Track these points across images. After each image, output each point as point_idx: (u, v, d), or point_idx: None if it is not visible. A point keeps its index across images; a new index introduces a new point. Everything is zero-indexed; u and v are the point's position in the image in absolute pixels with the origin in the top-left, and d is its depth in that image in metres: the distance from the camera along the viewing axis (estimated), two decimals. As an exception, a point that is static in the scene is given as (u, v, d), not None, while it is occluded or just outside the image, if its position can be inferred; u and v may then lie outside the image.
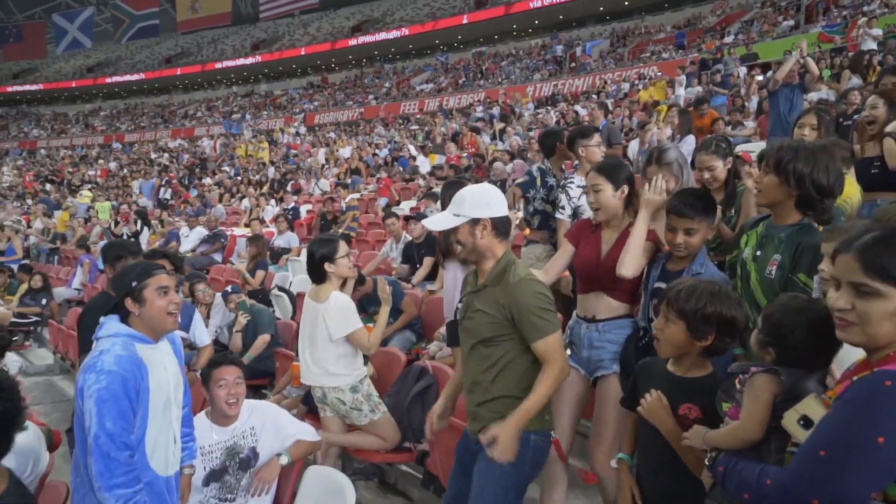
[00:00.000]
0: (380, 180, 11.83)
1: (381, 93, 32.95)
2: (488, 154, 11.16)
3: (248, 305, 5.07)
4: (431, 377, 3.50)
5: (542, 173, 4.21)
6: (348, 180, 12.87)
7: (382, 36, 38.00)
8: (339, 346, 3.23)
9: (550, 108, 17.83)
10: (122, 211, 12.89)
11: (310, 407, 3.81)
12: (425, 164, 12.77)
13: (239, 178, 16.91)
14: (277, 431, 2.76)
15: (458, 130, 14.23)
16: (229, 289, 5.31)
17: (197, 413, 2.74)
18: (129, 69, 46.85)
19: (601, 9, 33.46)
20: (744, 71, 13.76)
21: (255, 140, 23.33)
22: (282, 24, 45.32)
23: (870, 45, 11.56)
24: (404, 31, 37.26)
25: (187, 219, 11.07)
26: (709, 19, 26.75)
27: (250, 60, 42.06)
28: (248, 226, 9.99)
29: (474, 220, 2.18)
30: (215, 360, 2.79)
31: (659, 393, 1.88)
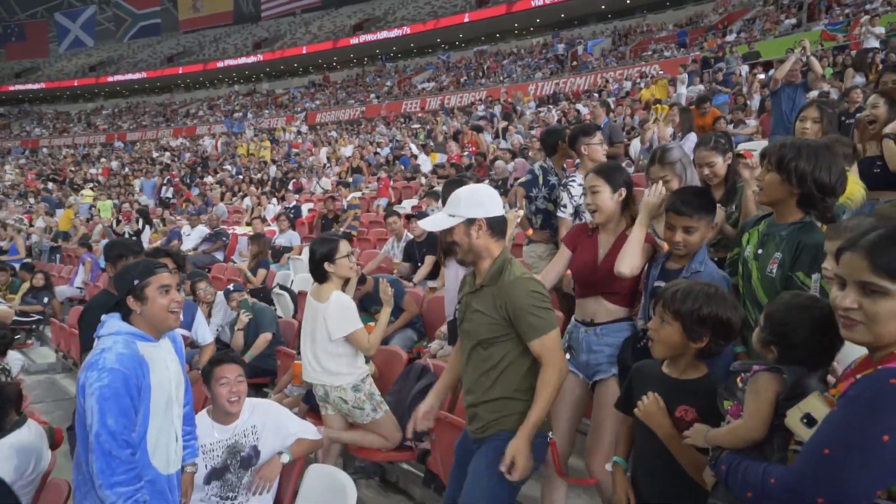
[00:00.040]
0: (380, 180, 11.83)
1: (382, 91, 32.94)
2: (489, 153, 11.16)
3: (249, 304, 5.07)
4: (433, 375, 3.50)
5: (545, 172, 4.20)
6: (349, 179, 12.88)
7: (384, 34, 37.98)
8: (340, 346, 3.23)
9: (552, 106, 17.82)
10: (124, 210, 12.92)
11: (311, 405, 3.81)
12: (427, 163, 12.77)
13: (240, 176, 16.93)
14: (279, 430, 2.77)
15: (460, 129, 14.23)
16: (231, 287, 5.31)
17: (198, 412, 2.74)
18: (131, 68, 46.89)
19: (603, 7, 33.41)
20: (746, 69, 13.73)
21: (257, 139, 23.34)
22: (283, 23, 45.32)
23: (872, 43, 11.53)
24: (406, 30, 37.25)
25: (189, 217, 11.09)
26: (711, 17, 26.69)
27: (252, 59, 42.07)
28: (249, 224, 9.99)
29: (469, 221, 2.18)
30: (216, 358, 2.79)
31: (656, 395, 1.87)
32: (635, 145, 8.95)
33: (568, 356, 2.64)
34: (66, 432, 3.41)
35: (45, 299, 8.42)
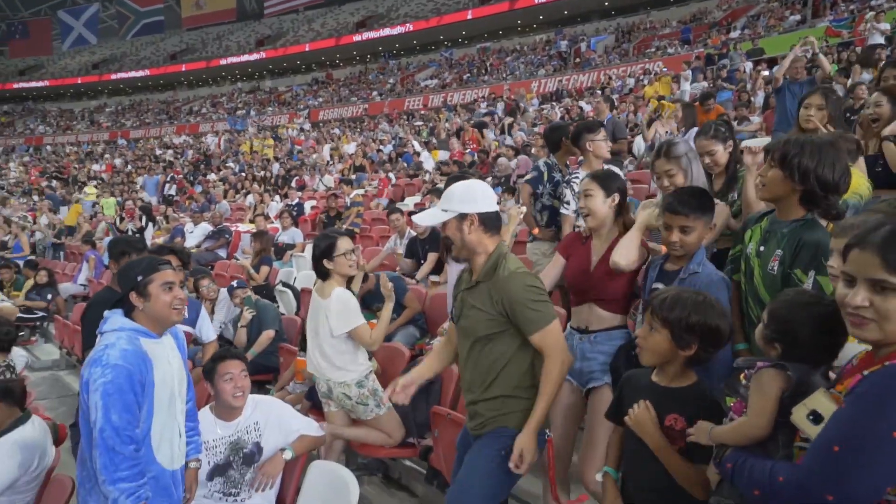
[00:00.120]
0: (380, 181, 11.83)
1: (385, 89, 32.90)
2: (492, 150, 11.14)
3: (253, 301, 5.08)
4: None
5: (549, 168, 4.20)
6: (352, 176, 12.88)
7: (387, 32, 37.92)
8: (342, 342, 3.24)
9: (555, 103, 17.79)
10: (128, 207, 12.92)
11: (313, 402, 3.82)
12: (429, 160, 12.77)
13: (243, 174, 16.94)
14: (281, 426, 2.77)
15: (462, 126, 14.22)
16: (235, 283, 5.31)
17: (200, 409, 2.75)
18: (134, 66, 46.92)
19: (606, 4, 33.27)
20: (749, 66, 13.68)
21: (261, 136, 23.36)
22: (286, 21, 45.29)
23: (877, 39, 11.46)
24: (408, 27, 37.18)
25: (192, 215, 11.11)
26: (714, 14, 26.57)
27: (255, 57, 42.05)
28: (252, 222, 9.99)
29: (461, 216, 2.19)
30: (219, 355, 2.80)
31: (647, 403, 1.85)
32: (638, 142, 8.94)
33: None
34: (70, 429, 3.42)
35: (49, 296, 8.44)
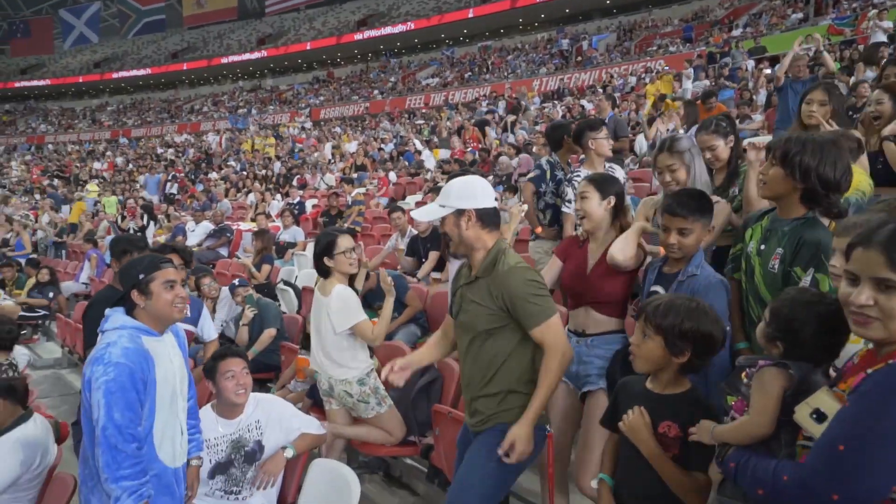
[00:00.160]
0: (379, 180, 11.82)
1: (386, 87, 32.88)
2: (493, 148, 11.13)
3: (254, 299, 5.08)
4: (436, 371, 3.51)
5: (552, 167, 4.20)
6: (354, 175, 12.88)
7: (388, 30, 37.89)
8: (343, 339, 3.25)
9: (557, 102, 17.77)
10: (129, 205, 12.93)
11: (315, 400, 3.82)
12: (430, 159, 12.76)
13: (245, 172, 16.95)
14: (282, 424, 2.77)
15: (462, 125, 14.21)
16: (237, 282, 5.32)
17: (201, 408, 2.75)
18: (136, 64, 46.93)
19: (608, 2, 33.21)
20: (752, 64, 13.65)
21: (263, 133, 23.36)
22: (287, 19, 45.29)
23: (880, 37, 11.42)
24: (410, 26, 37.15)
25: (193, 213, 11.11)
26: (716, 12, 26.51)
27: (256, 55, 42.05)
28: (253, 220, 10.00)
29: (459, 211, 2.18)
30: (220, 353, 2.80)
31: (642, 409, 1.84)
32: (640, 141, 8.93)
33: None
34: (72, 427, 3.43)
35: (51, 294, 8.45)
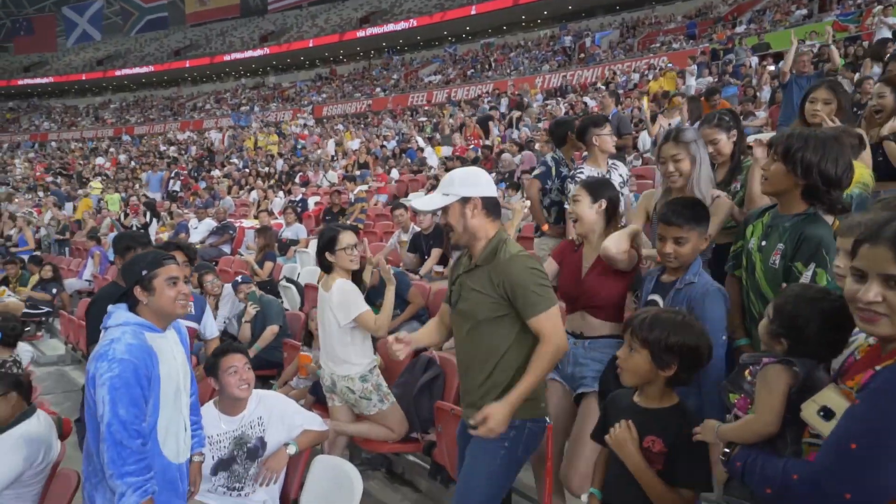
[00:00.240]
0: (378, 177, 11.81)
1: (389, 84, 32.84)
2: (495, 145, 11.12)
3: (257, 296, 5.09)
4: (439, 368, 3.51)
5: (557, 163, 4.19)
6: (356, 172, 12.88)
7: (391, 27, 37.84)
8: (346, 334, 3.24)
9: (560, 99, 17.71)
10: (132, 203, 12.97)
11: (317, 397, 3.83)
12: (432, 156, 12.75)
13: (247, 170, 16.96)
14: (284, 421, 2.78)
15: (464, 122, 14.20)
16: (239, 279, 5.32)
17: (204, 405, 2.75)
18: (139, 62, 46.96)
19: (611, -2, 33.17)
20: (755, 61, 13.60)
21: (266, 130, 23.37)
22: (290, 16, 45.26)
23: (885, 33, 11.36)
24: (412, 23, 37.08)
25: (196, 211, 11.12)
26: (720, 9, 26.37)
27: (259, 52, 42.05)
28: (256, 217, 10.01)
29: (464, 199, 2.17)
30: (221, 349, 2.81)
31: (629, 423, 1.83)
32: (644, 138, 8.90)
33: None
34: (75, 423, 3.44)
35: (54, 291, 8.48)
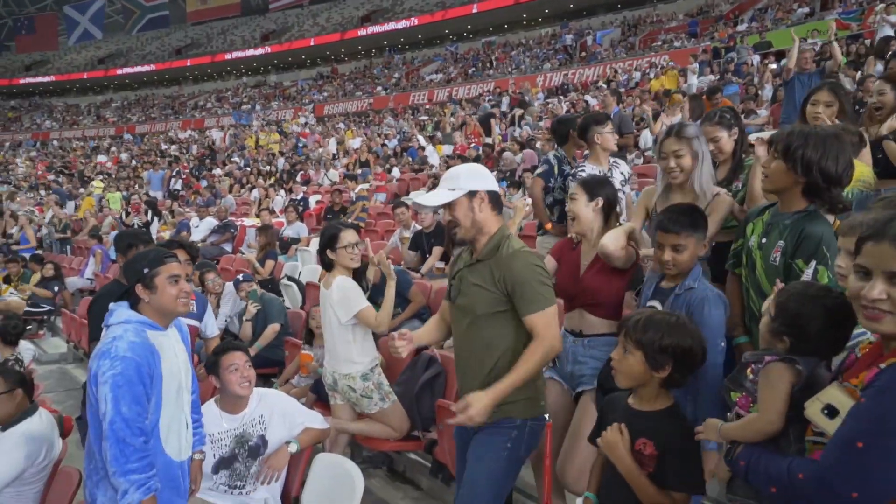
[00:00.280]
0: (377, 176, 11.81)
1: (390, 83, 32.83)
2: (497, 144, 11.11)
3: (258, 294, 5.09)
4: (440, 366, 3.51)
5: (559, 161, 4.18)
6: (358, 171, 12.88)
7: (392, 26, 37.82)
8: (348, 332, 3.24)
9: (561, 97, 17.69)
10: (133, 201, 12.98)
11: (319, 395, 3.83)
12: (434, 155, 12.75)
13: (249, 168, 16.97)
14: (286, 419, 2.78)
15: (464, 120, 14.19)
16: (241, 277, 5.33)
17: (205, 403, 2.75)
18: (140, 60, 46.96)
19: (612, -3, 33.12)
20: (757, 59, 13.57)
21: (267, 129, 23.37)
22: (291, 15, 45.24)
23: (887, 31, 11.33)
24: (414, 21, 37.05)
25: (197, 209, 11.13)
26: (722, 7, 26.32)
27: (260, 51, 42.04)
28: (257, 216, 10.01)
29: (472, 193, 2.16)
30: (222, 347, 2.81)
31: (621, 425, 1.82)
32: (646, 136, 8.89)
33: (552, 365, 2.62)
34: (76, 421, 3.44)
35: (56, 289, 8.49)
